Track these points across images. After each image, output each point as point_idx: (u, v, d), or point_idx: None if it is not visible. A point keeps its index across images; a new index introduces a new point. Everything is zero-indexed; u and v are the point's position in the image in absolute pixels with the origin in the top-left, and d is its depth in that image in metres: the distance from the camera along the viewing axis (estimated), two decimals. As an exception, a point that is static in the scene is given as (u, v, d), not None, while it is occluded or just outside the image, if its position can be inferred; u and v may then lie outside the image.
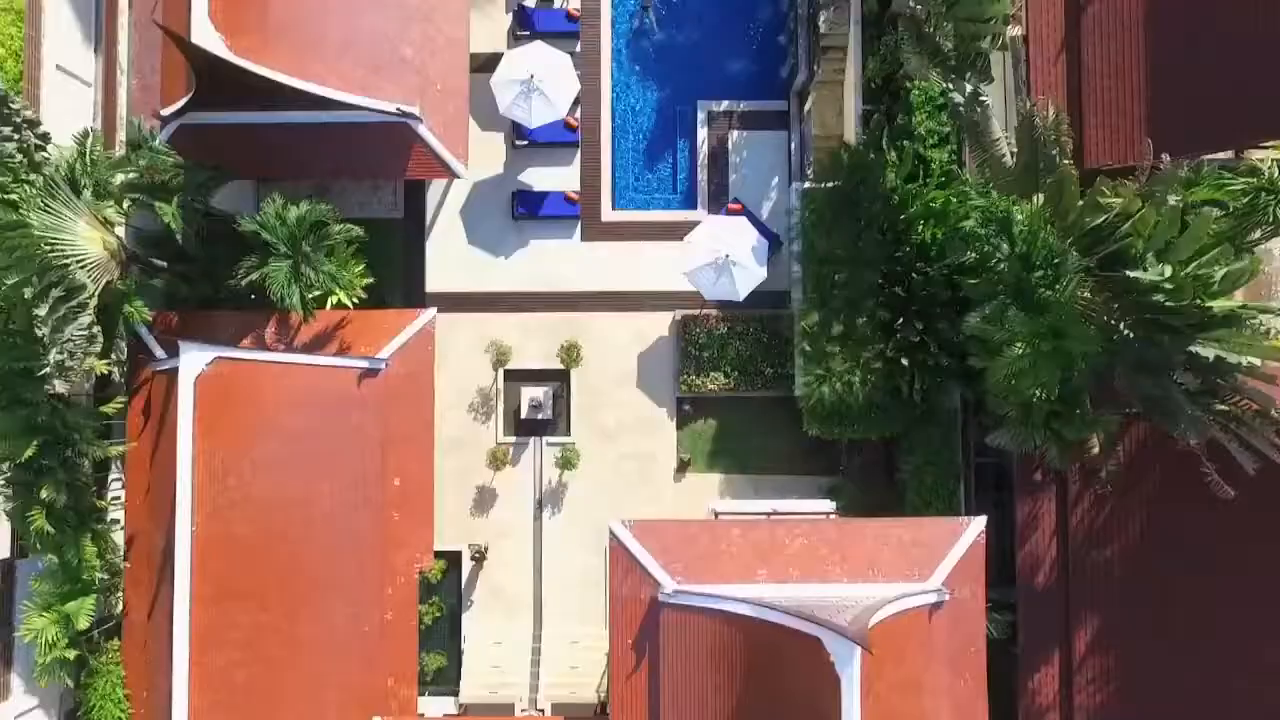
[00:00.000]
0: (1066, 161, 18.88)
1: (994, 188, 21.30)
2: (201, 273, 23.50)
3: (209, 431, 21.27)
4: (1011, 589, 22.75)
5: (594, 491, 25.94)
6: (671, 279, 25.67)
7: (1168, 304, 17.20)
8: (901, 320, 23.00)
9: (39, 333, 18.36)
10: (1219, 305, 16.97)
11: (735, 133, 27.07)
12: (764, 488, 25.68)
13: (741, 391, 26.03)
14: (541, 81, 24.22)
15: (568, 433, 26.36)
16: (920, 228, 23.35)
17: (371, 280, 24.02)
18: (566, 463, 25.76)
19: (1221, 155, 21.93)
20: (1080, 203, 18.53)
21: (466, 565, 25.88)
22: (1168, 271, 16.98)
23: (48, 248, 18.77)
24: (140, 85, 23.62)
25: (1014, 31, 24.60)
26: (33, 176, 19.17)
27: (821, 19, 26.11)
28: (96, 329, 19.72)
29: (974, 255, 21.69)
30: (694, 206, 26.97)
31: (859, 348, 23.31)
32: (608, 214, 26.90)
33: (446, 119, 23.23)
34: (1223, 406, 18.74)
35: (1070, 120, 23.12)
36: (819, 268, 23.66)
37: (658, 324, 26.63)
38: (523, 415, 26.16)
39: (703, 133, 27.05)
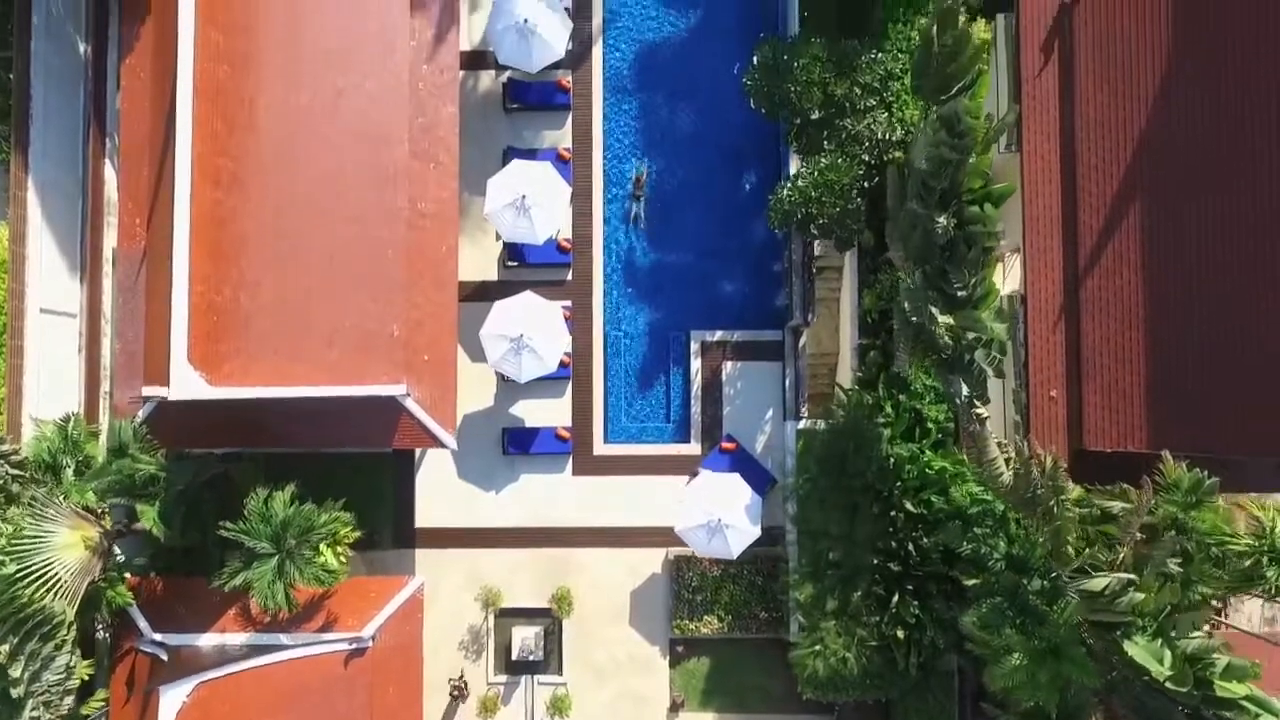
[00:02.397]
0: (1068, 514, 18.43)
1: (990, 494, 20.93)
2: (187, 526, 23.09)
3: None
4: None
5: (587, 735, 25.70)
6: (664, 514, 25.33)
7: (1168, 685, 16.83)
8: (897, 598, 22.64)
9: (13, 693, 17.98)
10: (1224, 691, 16.59)
11: (729, 363, 26.67)
12: (759, 730, 25.42)
13: (736, 634, 25.73)
14: (532, 339, 23.83)
15: (559, 672, 26.05)
16: (917, 496, 22.97)
17: (360, 534, 23.71)
18: (558, 708, 25.43)
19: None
20: (1078, 556, 18.13)
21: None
22: (1167, 660, 16.60)
23: (23, 592, 18.38)
24: (124, 350, 23.25)
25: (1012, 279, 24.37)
26: (11, 512, 18.77)
27: (818, 245, 25.75)
28: (75, 658, 19.35)
29: (970, 548, 21.39)
30: (687, 440, 26.60)
31: (854, 623, 22.95)
32: (600, 448, 26.52)
33: (435, 389, 22.83)
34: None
35: (1068, 393, 23.01)
36: (813, 543, 23.30)
37: (650, 560, 26.29)
38: (514, 656, 25.84)
39: (696, 363, 26.64)
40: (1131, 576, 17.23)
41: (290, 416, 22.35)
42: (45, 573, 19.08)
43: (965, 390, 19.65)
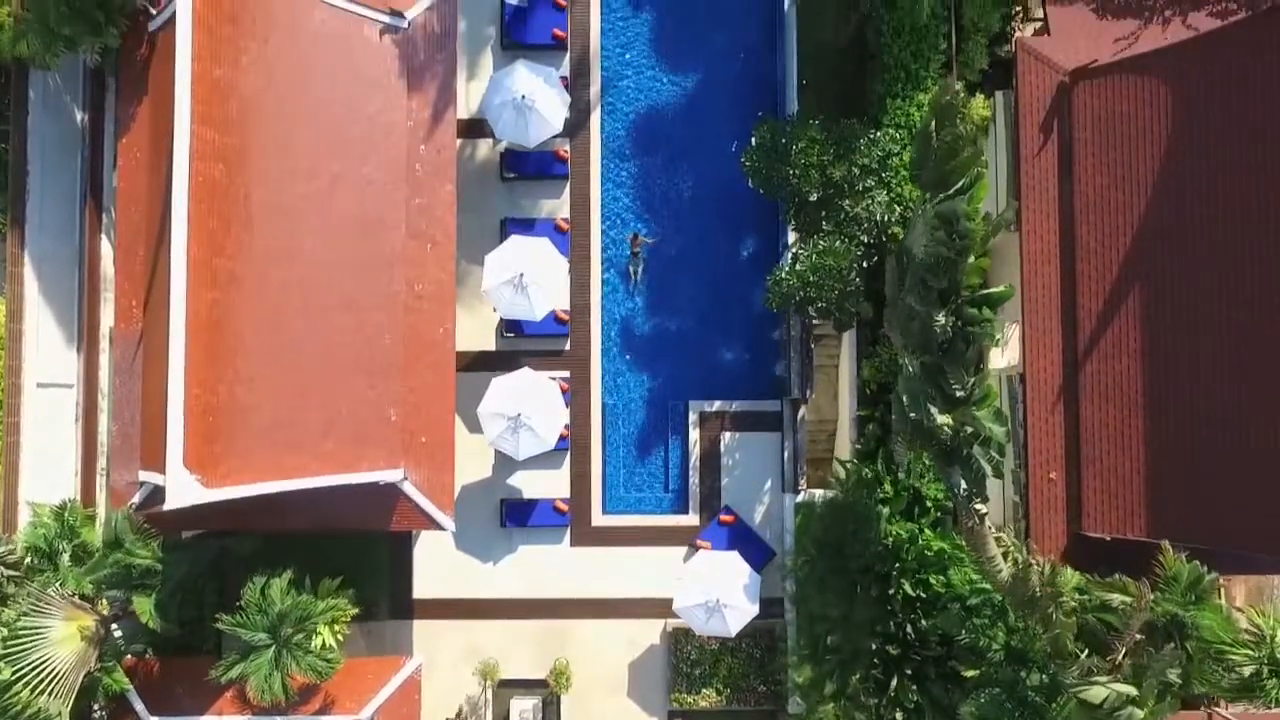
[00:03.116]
0: (1067, 620, 18.35)
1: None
2: (184, 613, 23.04)
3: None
4: None
5: (585, 811, 25.68)
6: (662, 586, 25.31)
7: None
8: (896, 682, 22.55)
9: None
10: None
11: (728, 434, 26.58)
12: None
13: (734, 706, 25.71)
14: (529, 418, 23.77)
15: (558, 743, 26.03)
16: (916, 577, 22.89)
17: (358, 610, 23.68)
18: (557, 780, 25.45)
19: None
20: (1076, 659, 18.05)
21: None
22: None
23: (18, 696, 18.33)
24: (120, 432, 23.19)
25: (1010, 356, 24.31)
26: (5, 615, 18.74)
27: (816, 322, 25.67)
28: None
29: (969, 638, 21.32)
30: (686, 510, 26.53)
31: (853, 706, 22.87)
32: (598, 519, 26.46)
33: (432, 472, 22.77)
34: None
35: (1068, 475, 22.94)
36: (811, 624, 23.24)
37: (649, 631, 26.24)
38: (512, 729, 25.85)
39: (695, 434, 26.56)
40: (1131, 690, 17.15)
41: (288, 502, 22.18)
42: (41, 672, 19.02)
43: (964, 485, 19.56)
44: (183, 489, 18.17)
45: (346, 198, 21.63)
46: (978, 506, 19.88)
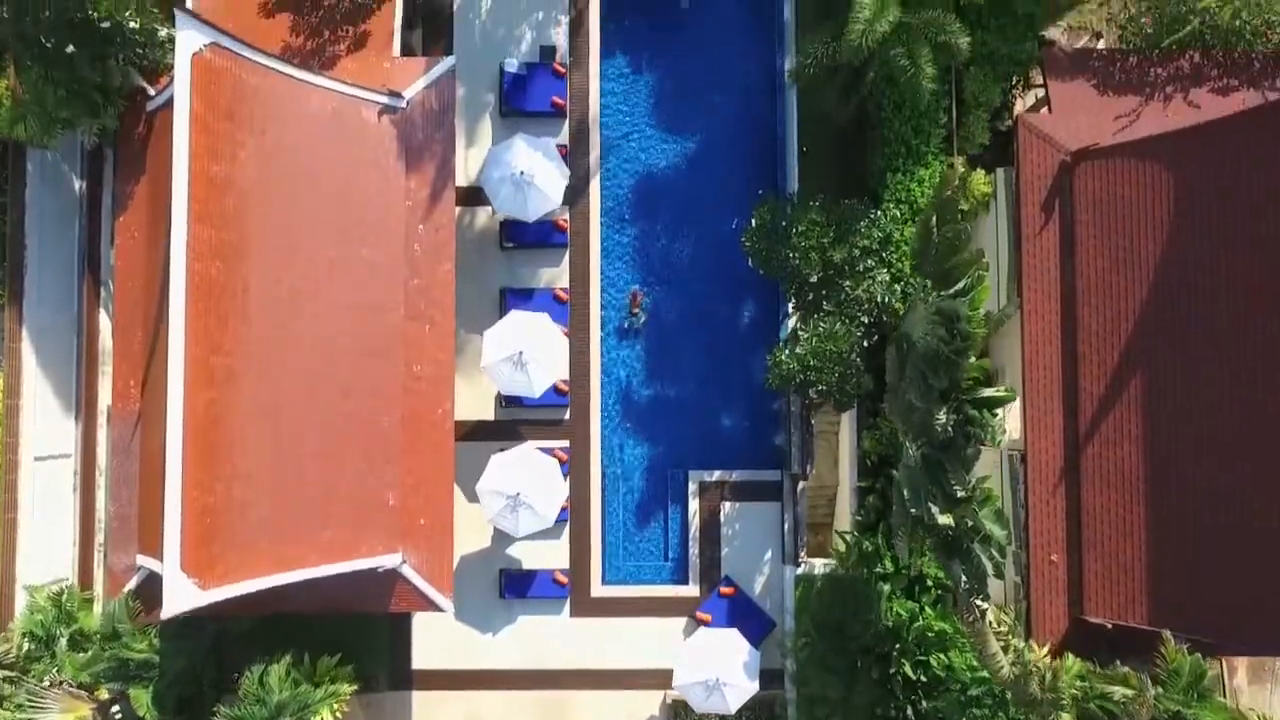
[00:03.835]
0: (1067, 717, 18.31)
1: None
2: (182, 703, 23.01)
3: None
4: None
5: None
6: (662, 657, 25.20)
7: None
8: (897, 768, 22.54)
9: None
10: None
11: (727, 504, 26.49)
12: None
13: (735, 781, 25.63)
14: (529, 497, 23.68)
15: (557, 815, 25.95)
16: (916, 659, 22.81)
17: (358, 685, 23.67)
18: None
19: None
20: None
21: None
22: None
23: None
24: (118, 514, 23.10)
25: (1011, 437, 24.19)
26: (1, 715, 18.68)
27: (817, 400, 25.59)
28: None
29: (971, 730, 21.29)
30: (685, 581, 26.44)
31: (854, 794, 22.85)
32: (597, 589, 26.35)
33: (431, 553, 22.66)
34: None
35: (1069, 558, 22.85)
36: (811, 706, 23.18)
37: (649, 703, 26.13)
38: (511, 803, 25.76)
39: (694, 504, 26.47)
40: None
41: (286, 587, 22.11)
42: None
43: (964, 580, 19.48)
44: (180, 594, 18.09)
45: (345, 282, 21.54)
46: (979, 603, 19.81)
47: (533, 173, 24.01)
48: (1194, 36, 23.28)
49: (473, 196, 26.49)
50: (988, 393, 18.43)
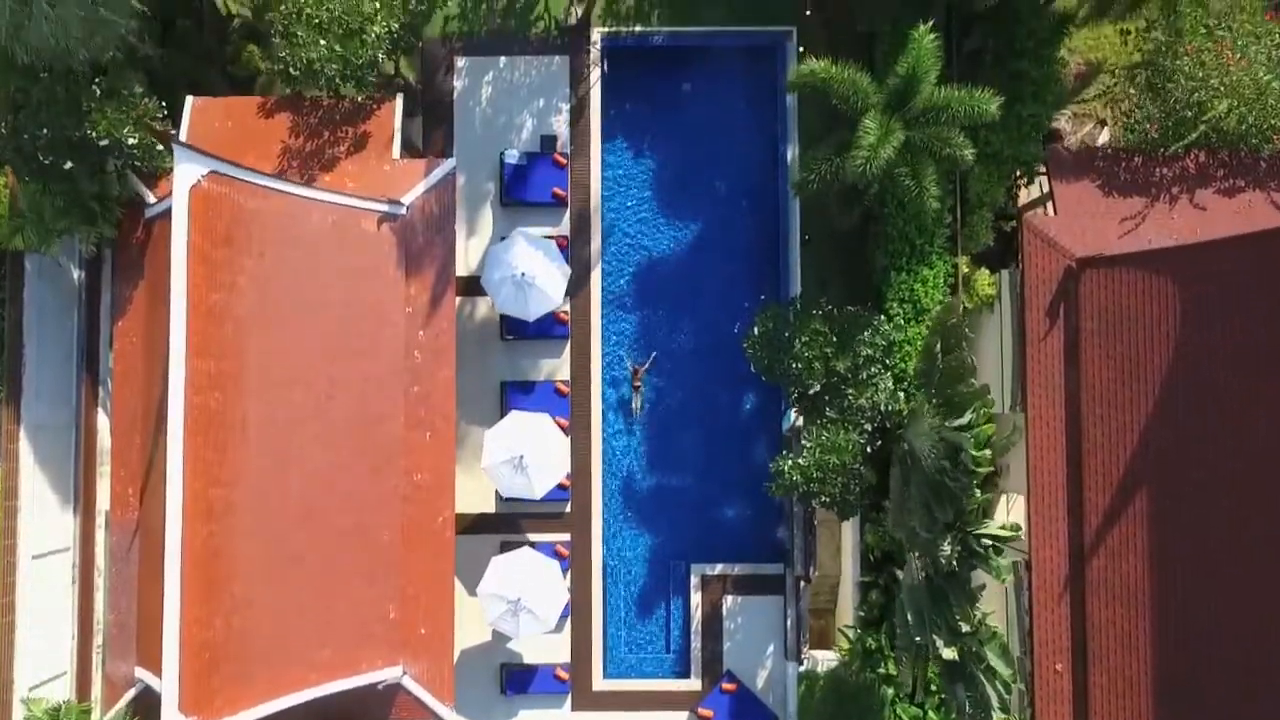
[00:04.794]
0: None
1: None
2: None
3: None
4: None
5: None
6: (666, 754, 25.19)
7: None
8: None
9: None
10: None
11: (730, 597, 26.34)
12: None
13: None
14: (530, 602, 23.52)
15: None
16: (921, 770, 22.78)
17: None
18: None
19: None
20: None
21: None
22: None
23: None
24: (117, 621, 22.98)
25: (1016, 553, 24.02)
26: None
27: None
28: None
29: None
30: (687, 674, 26.32)
31: None
32: (599, 683, 26.22)
33: (432, 662, 22.51)
34: None
35: (1074, 669, 22.68)
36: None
37: (651, 797, 26.08)
38: None
39: (696, 597, 26.33)
40: None
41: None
42: None
43: (969, 708, 19.36)
44: (178, 733, 17.95)
45: (345, 399, 21.38)
46: (982, 727, 19.70)
47: (534, 274, 23.84)
48: (1200, 138, 23.10)
49: (473, 286, 26.27)
50: (993, 529, 18.26)
